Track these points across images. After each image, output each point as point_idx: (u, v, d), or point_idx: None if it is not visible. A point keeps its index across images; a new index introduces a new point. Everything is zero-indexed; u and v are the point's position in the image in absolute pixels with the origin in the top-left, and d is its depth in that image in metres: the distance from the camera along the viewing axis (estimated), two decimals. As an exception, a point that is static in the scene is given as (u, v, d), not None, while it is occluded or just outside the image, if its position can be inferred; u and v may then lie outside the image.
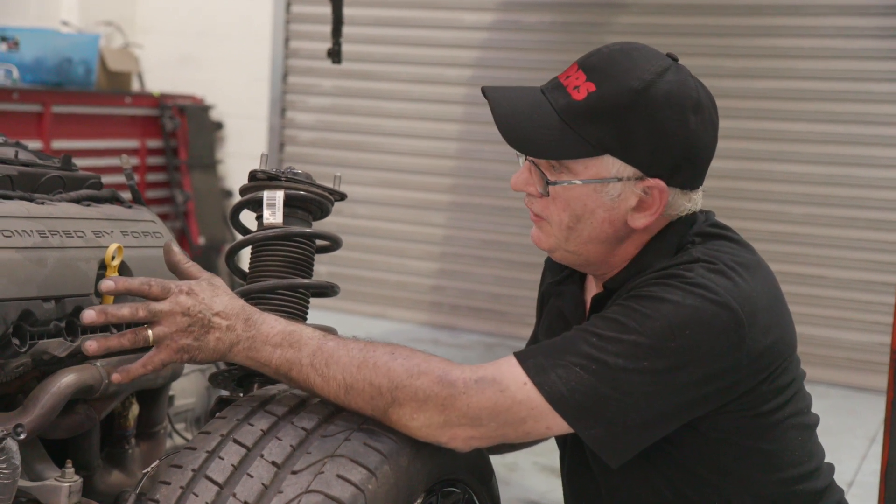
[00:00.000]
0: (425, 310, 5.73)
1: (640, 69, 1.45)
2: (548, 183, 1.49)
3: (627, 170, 1.46)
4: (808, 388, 1.61)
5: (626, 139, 1.44)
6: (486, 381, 1.38)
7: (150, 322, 1.42)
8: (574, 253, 1.54)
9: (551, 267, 1.74)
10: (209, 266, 5.84)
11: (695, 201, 1.53)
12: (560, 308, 1.67)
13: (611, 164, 1.46)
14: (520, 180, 1.54)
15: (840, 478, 1.70)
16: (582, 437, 1.40)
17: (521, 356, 1.41)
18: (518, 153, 1.54)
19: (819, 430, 1.64)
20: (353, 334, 1.48)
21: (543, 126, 1.46)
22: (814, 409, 1.63)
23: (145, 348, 1.44)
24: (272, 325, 1.43)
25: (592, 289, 1.64)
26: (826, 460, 1.65)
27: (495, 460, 1.67)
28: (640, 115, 1.43)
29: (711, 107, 1.50)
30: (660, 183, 1.47)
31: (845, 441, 3.94)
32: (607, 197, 1.48)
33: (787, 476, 1.53)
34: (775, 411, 1.50)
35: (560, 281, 1.70)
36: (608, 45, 1.51)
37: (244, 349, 1.42)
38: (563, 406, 1.37)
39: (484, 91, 1.51)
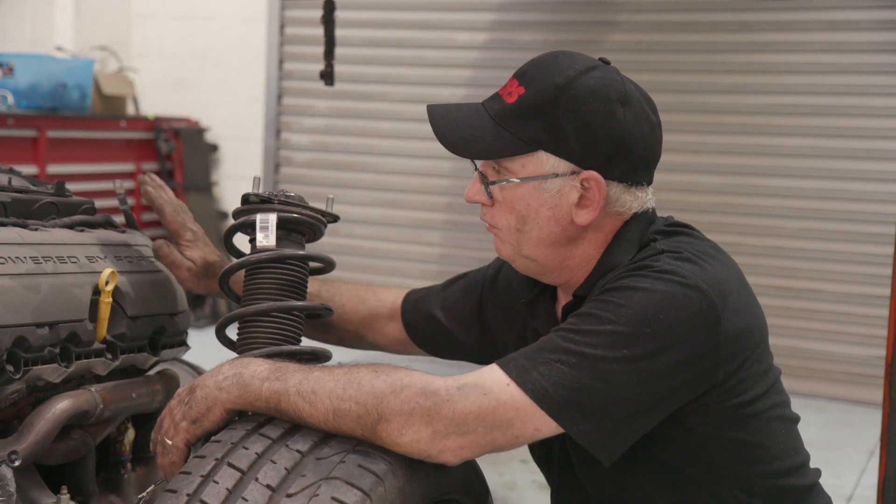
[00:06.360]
0: (422, 329, 5.71)
1: (564, 67, 1.52)
2: (488, 184, 1.54)
3: (562, 165, 1.51)
4: (805, 401, 1.62)
5: (555, 133, 1.50)
6: (468, 386, 1.39)
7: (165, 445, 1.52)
8: (529, 258, 1.58)
9: (523, 283, 1.74)
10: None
11: (642, 199, 1.57)
12: (535, 327, 1.69)
13: (545, 160, 1.51)
14: (471, 191, 1.59)
15: (840, 492, 1.71)
16: (571, 435, 1.41)
17: (501, 362, 1.43)
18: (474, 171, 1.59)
19: (818, 444, 1.65)
20: (351, 355, 1.49)
21: (478, 130, 1.54)
22: (812, 423, 1.64)
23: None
24: (259, 363, 1.48)
25: (563, 301, 1.65)
26: (824, 473, 1.65)
27: (493, 479, 1.67)
28: (566, 109, 1.49)
29: (645, 103, 1.55)
30: (595, 174, 1.51)
31: (845, 455, 3.93)
32: (548, 194, 1.52)
33: (773, 469, 1.55)
34: (756, 401, 1.51)
35: (532, 300, 1.71)
36: (541, 54, 1.58)
37: (234, 385, 1.45)
38: (547, 403, 1.38)
39: (427, 108, 1.58)
